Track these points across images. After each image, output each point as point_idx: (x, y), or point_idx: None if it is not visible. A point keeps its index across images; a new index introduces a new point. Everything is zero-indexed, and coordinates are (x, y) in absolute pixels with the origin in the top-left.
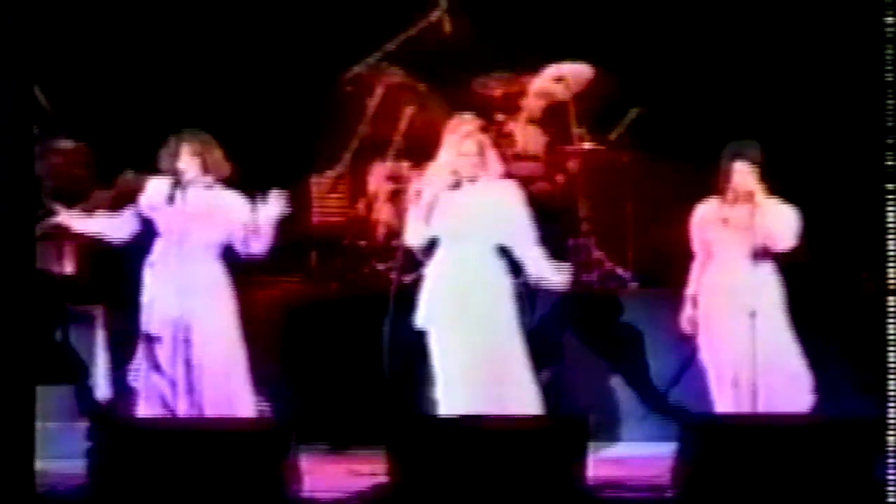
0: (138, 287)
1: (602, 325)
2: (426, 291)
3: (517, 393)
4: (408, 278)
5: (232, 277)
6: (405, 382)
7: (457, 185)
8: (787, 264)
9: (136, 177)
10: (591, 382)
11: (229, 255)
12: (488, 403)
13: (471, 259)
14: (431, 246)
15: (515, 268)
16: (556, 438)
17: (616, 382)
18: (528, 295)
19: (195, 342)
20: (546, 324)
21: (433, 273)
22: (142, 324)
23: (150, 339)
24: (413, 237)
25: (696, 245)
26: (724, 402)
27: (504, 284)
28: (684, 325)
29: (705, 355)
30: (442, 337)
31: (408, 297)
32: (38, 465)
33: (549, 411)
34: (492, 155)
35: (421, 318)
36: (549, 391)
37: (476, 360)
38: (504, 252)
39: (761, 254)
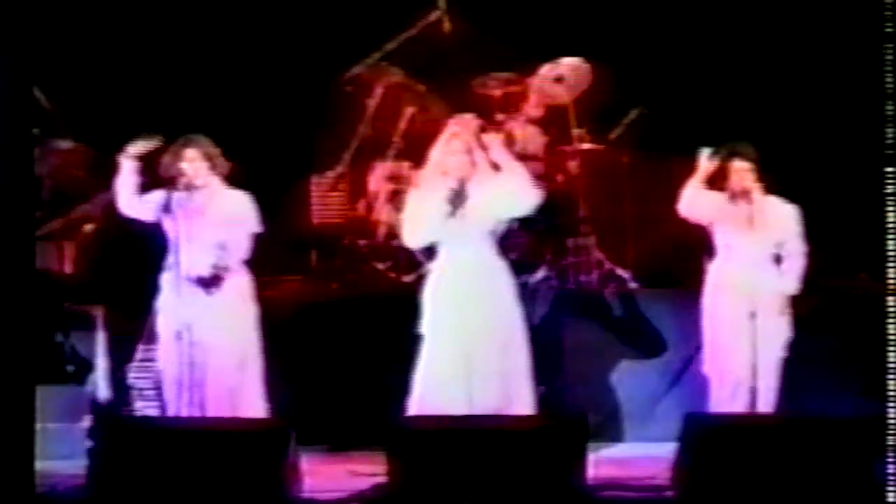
0: (138, 287)
1: (601, 323)
2: (430, 296)
3: (519, 393)
4: (408, 278)
5: (252, 277)
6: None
7: (458, 192)
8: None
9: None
10: (591, 382)
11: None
12: (489, 404)
13: (473, 261)
14: (430, 249)
15: (518, 267)
16: (556, 438)
17: (616, 382)
18: (530, 293)
19: (208, 343)
20: (546, 322)
21: (435, 277)
22: (152, 326)
23: (159, 341)
24: (415, 239)
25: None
26: (725, 403)
27: (507, 284)
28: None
29: (708, 356)
30: (445, 341)
31: (410, 298)
32: (38, 465)
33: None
34: (480, 154)
35: (426, 323)
36: (547, 399)
37: (478, 363)
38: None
39: (763, 254)
